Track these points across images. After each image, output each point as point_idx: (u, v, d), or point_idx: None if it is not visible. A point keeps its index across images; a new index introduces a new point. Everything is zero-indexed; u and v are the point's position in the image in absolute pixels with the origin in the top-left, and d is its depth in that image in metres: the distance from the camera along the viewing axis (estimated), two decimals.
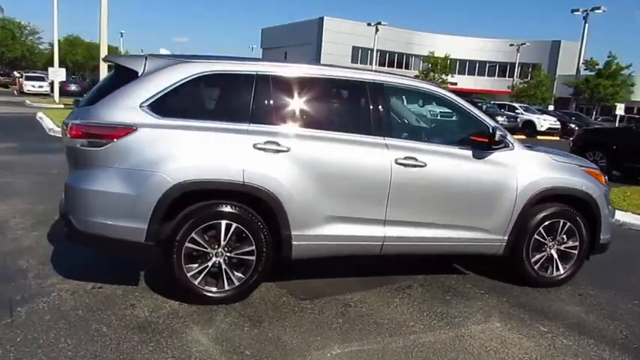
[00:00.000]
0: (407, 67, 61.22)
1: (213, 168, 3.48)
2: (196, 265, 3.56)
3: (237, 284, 3.64)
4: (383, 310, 3.78)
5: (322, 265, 4.27)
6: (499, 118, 24.37)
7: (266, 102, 3.67)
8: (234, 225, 3.55)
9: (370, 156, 3.80)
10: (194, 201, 3.48)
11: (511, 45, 52.25)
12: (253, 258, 3.63)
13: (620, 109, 31.80)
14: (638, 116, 34.29)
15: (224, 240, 3.57)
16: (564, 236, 4.45)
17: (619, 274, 5.02)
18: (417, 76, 48.95)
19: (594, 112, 40.02)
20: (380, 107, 3.91)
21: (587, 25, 35.71)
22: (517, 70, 51.88)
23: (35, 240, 4.81)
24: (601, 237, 4.57)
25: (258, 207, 3.59)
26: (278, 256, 3.73)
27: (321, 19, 57.40)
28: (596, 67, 39.04)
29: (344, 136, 3.77)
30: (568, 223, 4.42)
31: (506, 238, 4.26)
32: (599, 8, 34.86)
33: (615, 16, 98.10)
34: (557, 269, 4.48)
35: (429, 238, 4.06)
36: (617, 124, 30.70)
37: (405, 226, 3.97)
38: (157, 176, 3.37)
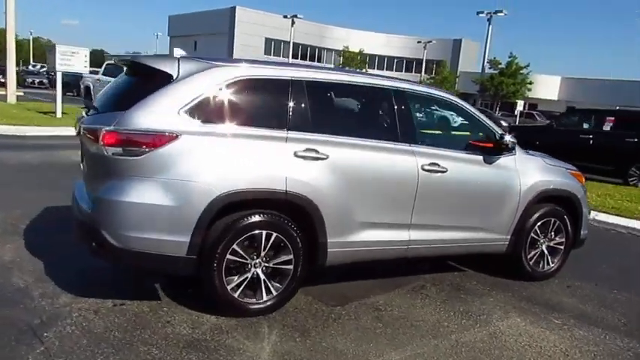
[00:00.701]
0: (319, 60, 61.93)
1: (258, 177, 3.36)
2: (236, 277, 3.43)
3: (275, 294, 3.56)
4: (412, 312, 3.88)
5: (330, 269, 4.26)
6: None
7: (302, 108, 3.61)
8: (274, 234, 3.47)
9: (400, 163, 3.88)
10: (235, 211, 3.35)
11: (418, 42, 54.78)
12: (291, 267, 3.57)
13: (520, 106, 34.57)
14: (535, 112, 37.51)
15: (264, 250, 3.47)
16: (553, 233, 4.84)
17: (591, 266, 5.52)
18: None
19: (497, 108, 43.21)
20: (405, 114, 4.00)
21: (490, 26, 38.34)
22: (424, 66, 54.47)
23: (15, 253, 4.34)
24: (581, 232, 5.03)
25: (297, 215, 3.54)
26: (313, 264, 3.69)
27: (233, 8, 56.33)
28: (499, 66, 42.15)
29: (376, 144, 3.81)
30: (557, 222, 4.81)
31: (509, 237, 4.55)
32: (501, 11, 37.58)
33: (514, 20, 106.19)
34: (548, 263, 4.86)
35: (447, 240, 4.23)
36: (517, 120, 33.38)
37: (427, 230, 4.11)
38: (201, 186, 3.19)
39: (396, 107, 3.95)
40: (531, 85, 43.21)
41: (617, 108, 15.76)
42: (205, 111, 3.29)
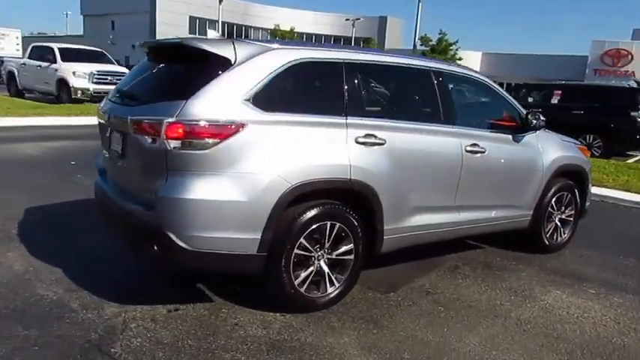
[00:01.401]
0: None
1: (325, 166, 3.20)
2: (302, 272, 3.27)
3: (337, 286, 3.44)
4: (462, 293, 3.90)
5: None
6: None
7: (356, 92, 3.46)
8: (337, 225, 3.33)
9: (447, 145, 3.85)
10: (302, 203, 3.17)
11: (347, 20, 54.93)
12: (352, 257, 3.46)
13: None
14: None
15: (328, 241, 3.33)
16: (565, 206, 5.04)
17: (589, 235, 5.79)
18: None
19: None
20: (446, 95, 3.96)
21: (420, 3, 39.04)
22: (353, 44, 54.79)
23: (24, 261, 3.89)
24: (586, 204, 5.28)
25: (358, 203, 3.42)
26: (370, 252, 3.60)
27: None
28: (430, 43, 43.26)
29: (426, 126, 3.76)
30: (569, 195, 5.01)
31: (531, 212, 4.68)
32: None
33: None
34: (561, 235, 5.06)
35: (485, 219, 4.29)
36: None
37: (470, 210, 4.14)
38: (271, 179, 2.99)
39: (438, 88, 3.90)
40: (460, 61, 44.73)
41: (563, 82, 16.68)
42: (267, 98, 3.06)
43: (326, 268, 3.37)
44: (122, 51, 45.95)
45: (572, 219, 5.11)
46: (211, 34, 3.47)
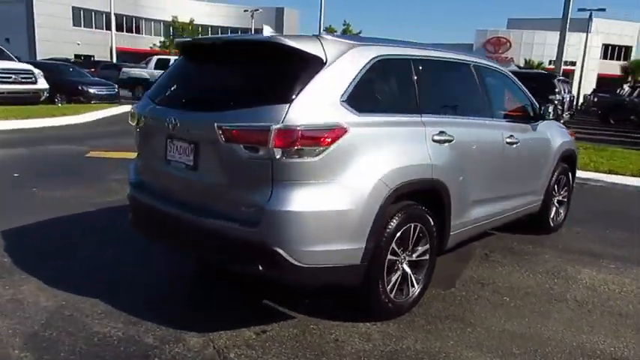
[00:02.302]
0: (138, 32, 57.42)
1: (415, 167, 3.11)
2: (392, 276, 3.17)
3: (417, 287, 3.38)
4: (511, 280, 4.01)
5: None
6: None
7: (426, 89, 3.39)
8: (418, 226, 3.26)
9: (495, 138, 3.94)
10: (395, 206, 3.06)
11: (245, 11, 54.01)
12: (427, 257, 3.41)
13: None
14: None
15: (411, 244, 3.25)
16: (562, 188, 5.38)
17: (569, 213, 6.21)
18: (163, 42, 46.54)
19: None
20: (488, 89, 4.03)
21: None
22: None
23: (49, 295, 3.36)
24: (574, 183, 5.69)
25: (433, 202, 3.37)
26: (438, 250, 3.58)
27: None
28: (334, 33, 43.86)
29: (479, 121, 3.81)
30: (565, 177, 5.36)
31: (542, 197, 4.94)
32: None
33: None
34: (558, 215, 5.40)
35: (513, 207, 4.45)
36: None
37: (506, 200, 4.27)
38: (374, 184, 2.84)
39: (484, 83, 3.99)
40: None
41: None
42: (359, 98, 2.89)
43: (409, 271, 3.29)
44: None
45: (566, 200, 5.47)
46: (267, 29, 3.19)
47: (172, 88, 3.29)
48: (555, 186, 5.15)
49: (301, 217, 2.64)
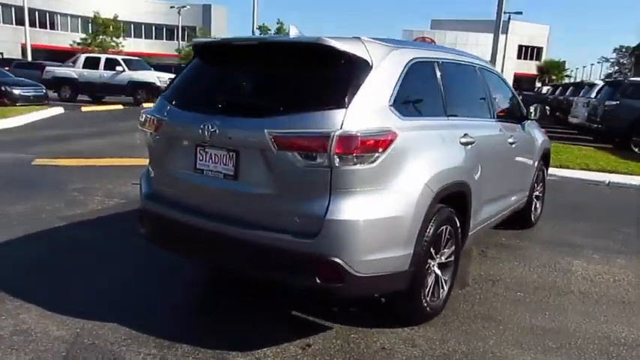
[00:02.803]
0: (53, 28, 53.88)
1: (450, 169, 3.14)
2: (429, 280, 3.17)
3: (445, 289, 3.40)
4: (516, 276, 4.15)
5: None
6: None
7: (450, 92, 3.42)
8: (448, 228, 3.29)
9: (502, 139, 4.06)
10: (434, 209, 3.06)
11: (172, 7, 52.29)
12: (453, 258, 3.45)
13: None
14: None
15: (442, 247, 3.27)
16: (539, 184, 5.65)
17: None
18: (84, 40, 43.89)
19: None
20: (490, 91, 4.14)
21: None
22: (180, 33, 52.51)
23: (57, 322, 3.06)
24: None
25: (459, 204, 3.40)
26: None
27: None
28: (268, 32, 43.40)
29: (491, 122, 3.92)
30: (541, 173, 5.63)
31: (528, 193, 5.16)
32: None
33: None
34: (536, 209, 5.66)
35: (508, 205, 4.59)
36: None
37: (505, 198, 4.41)
38: (421, 188, 2.82)
39: (485, 84, 4.07)
40: None
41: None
42: (402, 102, 2.87)
43: (439, 273, 3.31)
44: None
45: (541, 195, 5.75)
46: (293, 30, 3.08)
47: (201, 92, 3.09)
48: (534, 182, 5.40)
49: (361, 226, 2.58)
